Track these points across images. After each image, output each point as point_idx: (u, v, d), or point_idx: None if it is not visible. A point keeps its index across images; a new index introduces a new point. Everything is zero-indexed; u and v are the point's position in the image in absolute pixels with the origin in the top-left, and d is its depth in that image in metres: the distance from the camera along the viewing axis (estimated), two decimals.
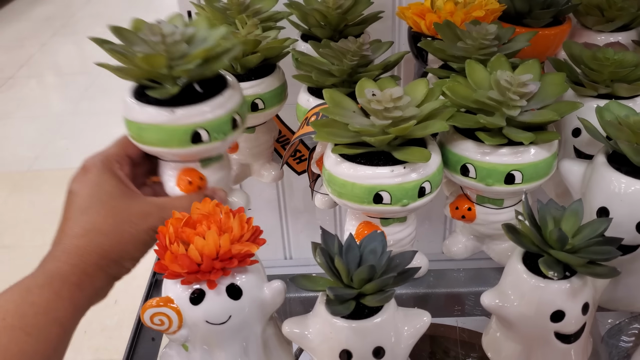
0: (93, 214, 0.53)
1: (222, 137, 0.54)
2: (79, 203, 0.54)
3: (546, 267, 0.45)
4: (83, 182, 0.55)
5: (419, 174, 0.53)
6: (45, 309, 0.46)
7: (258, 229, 0.47)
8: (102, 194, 0.54)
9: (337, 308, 0.44)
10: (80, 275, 0.49)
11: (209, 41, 0.53)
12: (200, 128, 0.52)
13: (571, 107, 0.55)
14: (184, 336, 0.47)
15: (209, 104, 0.53)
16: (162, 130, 0.52)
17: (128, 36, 0.54)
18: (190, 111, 0.52)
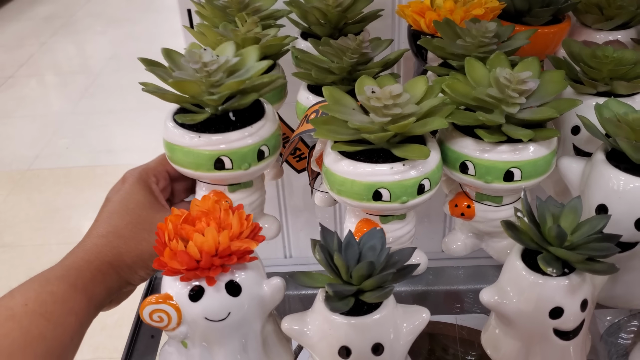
0: (117, 218, 0.56)
1: (246, 167, 0.55)
2: (109, 208, 0.57)
3: (545, 263, 0.45)
4: (118, 190, 0.59)
5: (418, 171, 0.53)
6: (62, 298, 0.48)
7: (257, 226, 0.47)
8: (130, 202, 0.57)
9: (336, 304, 0.45)
10: (93, 271, 0.51)
11: (247, 73, 0.55)
12: (223, 155, 0.54)
13: (570, 105, 0.55)
14: (183, 333, 0.47)
15: (235, 133, 0.54)
16: (188, 153, 0.54)
17: (175, 59, 0.56)
18: (215, 138, 0.54)
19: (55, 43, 3.26)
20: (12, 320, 0.46)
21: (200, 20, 0.77)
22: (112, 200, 0.58)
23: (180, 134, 0.54)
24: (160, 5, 3.52)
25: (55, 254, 1.79)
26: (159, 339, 0.60)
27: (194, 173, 0.55)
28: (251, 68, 0.56)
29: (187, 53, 0.54)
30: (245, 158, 0.55)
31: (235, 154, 0.54)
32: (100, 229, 0.56)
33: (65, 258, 0.53)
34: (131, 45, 3.15)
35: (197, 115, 0.54)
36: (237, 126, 0.55)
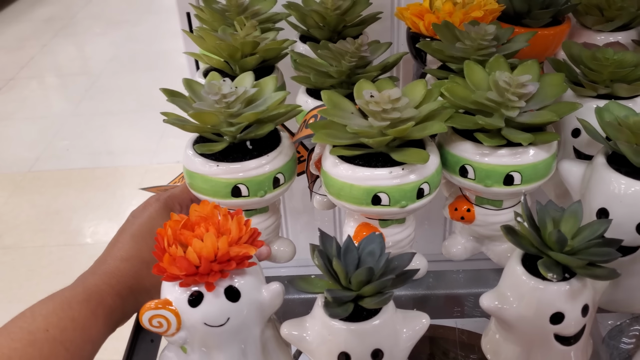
0: (140, 241, 0.56)
1: (262, 194, 0.56)
2: (131, 230, 0.58)
3: (545, 268, 0.45)
4: (141, 214, 0.59)
5: (418, 175, 0.52)
6: (82, 326, 0.48)
7: (256, 231, 0.47)
8: (154, 226, 0.57)
9: (335, 310, 0.44)
10: (114, 297, 0.52)
11: (264, 104, 0.56)
12: (240, 184, 0.55)
13: (570, 108, 0.55)
14: (182, 338, 0.47)
15: (252, 162, 0.55)
16: (206, 180, 0.56)
17: (196, 90, 0.58)
18: (232, 167, 0.55)
19: (56, 45, 3.26)
20: (33, 346, 0.46)
21: (199, 23, 0.77)
22: (134, 222, 0.58)
23: (199, 162, 0.56)
24: (160, 7, 3.52)
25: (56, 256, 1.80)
26: (159, 344, 0.60)
27: (212, 199, 0.56)
28: (268, 98, 0.57)
29: (207, 85, 0.55)
30: (261, 186, 0.56)
31: (251, 182, 0.55)
32: (122, 251, 0.56)
33: (87, 278, 0.53)
34: (131, 46, 3.15)
35: (215, 145, 0.56)
36: (254, 155, 0.56)
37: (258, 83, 0.59)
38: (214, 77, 0.58)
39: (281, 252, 0.64)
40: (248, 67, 0.68)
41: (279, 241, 0.65)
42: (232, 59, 0.68)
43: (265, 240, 0.63)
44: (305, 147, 0.76)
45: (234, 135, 0.56)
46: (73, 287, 0.52)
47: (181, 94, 0.58)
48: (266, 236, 0.62)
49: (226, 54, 0.67)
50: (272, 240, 0.64)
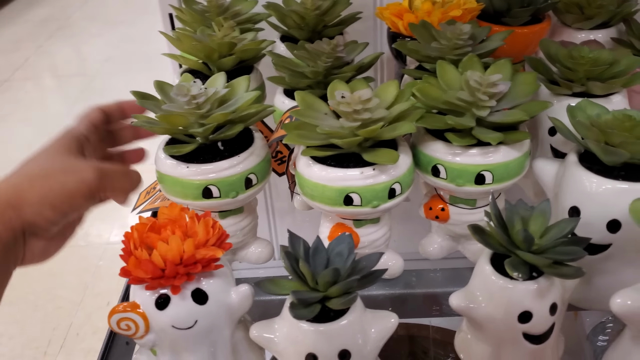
0: (31, 162, 0.53)
1: (233, 195, 0.56)
2: (25, 160, 0.54)
3: (511, 268, 0.45)
4: (46, 143, 0.56)
5: (389, 176, 0.52)
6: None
7: (224, 234, 0.47)
8: (51, 149, 0.54)
9: (301, 312, 0.44)
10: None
11: (236, 104, 0.56)
12: (211, 184, 0.55)
13: (541, 107, 0.55)
14: (151, 341, 0.47)
15: (223, 163, 0.55)
16: (176, 182, 0.56)
17: (167, 92, 0.58)
18: (203, 168, 0.55)
19: (51, 46, 3.26)
20: None
21: (181, 25, 0.77)
22: (33, 153, 0.55)
23: (170, 164, 0.55)
24: (156, 8, 3.51)
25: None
26: (134, 346, 0.60)
27: (183, 201, 0.56)
28: (240, 99, 0.57)
29: (176, 87, 0.55)
30: (233, 186, 0.56)
31: (222, 182, 0.55)
32: (8, 177, 0.52)
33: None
34: (127, 47, 3.15)
35: (184, 147, 0.56)
36: (225, 155, 0.55)
37: (230, 84, 0.59)
38: (187, 78, 0.58)
39: (258, 254, 0.64)
40: (225, 67, 0.69)
41: (256, 242, 0.65)
42: (209, 60, 0.68)
43: (242, 242, 0.63)
44: (287, 147, 0.76)
45: (204, 136, 0.55)
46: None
47: (152, 96, 0.57)
48: (242, 237, 0.62)
49: (203, 55, 0.67)
50: (249, 242, 0.64)
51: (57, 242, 0.54)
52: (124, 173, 0.52)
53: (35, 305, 1.56)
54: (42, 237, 0.51)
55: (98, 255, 1.73)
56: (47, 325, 1.52)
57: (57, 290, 1.61)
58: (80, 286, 1.63)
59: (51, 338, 1.48)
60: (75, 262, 1.71)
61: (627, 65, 0.61)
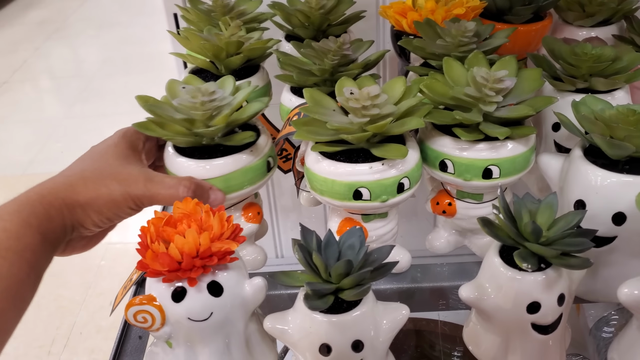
0: (87, 161, 0.56)
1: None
2: (84, 154, 0.57)
3: (520, 259, 0.46)
4: (101, 142, 0.58)
5: (398, 170, 0.53)
6: (16, 234, 0.47)
7: (238, 227, 0.48)
8: (108, 150, 0.56)
9: (315, 303, 0.45)
10: (46, 206, 0.50)
11: (232, 105, 0.57)
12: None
13: (546, 102, 0.56)
14: (167, 333, 0.48)
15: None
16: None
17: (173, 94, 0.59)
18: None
19: (49, 48, 3.26)
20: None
21: (186, 24, 0.77)
22: (92, 148, 0.58)
23: (186, 162, 0.57)
24: (152, 9, 3.51)
25: None
26: (147, 340, 0.61)
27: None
28: (233, 100, 0.58)
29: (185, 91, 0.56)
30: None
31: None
32: (67, 171, 0.54)
33: (20, 194, 0.51)
34: (124, 48, 3.15)
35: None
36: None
37: (219, 82, 0.60)
38: (191, 80, 0.59)
39: (252, 261, 0.64)
40: (233, 66, 0.69)
41: (250, 248, 0.65)
42: (217, 59, 0.69)
43: None
44: (292, 145, 0.77)
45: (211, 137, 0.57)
46: (5, 204, 0.50)
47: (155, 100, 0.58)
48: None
49: (211, 53, 0.68)
50: (244, 247, 0.65)
51: (97, 239, 0.58)
52: (172, 185, 0.54)
53: (39, 305, 1.57)
54: (84, 235, 0.55)
55: (100, 255, 1.73)
56: (51, 324, 1.52)
57: (60, 289, 1.62)
58: (83, 286, 1.63)
59: (55, 337, 1.49)
60: (77, 262, 1.70)
61: (630, 61, 0.62)
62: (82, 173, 0.54)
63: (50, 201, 0.50)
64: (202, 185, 0.55)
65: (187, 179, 0.54)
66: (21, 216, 0.48)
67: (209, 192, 0.55)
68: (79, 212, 0.52)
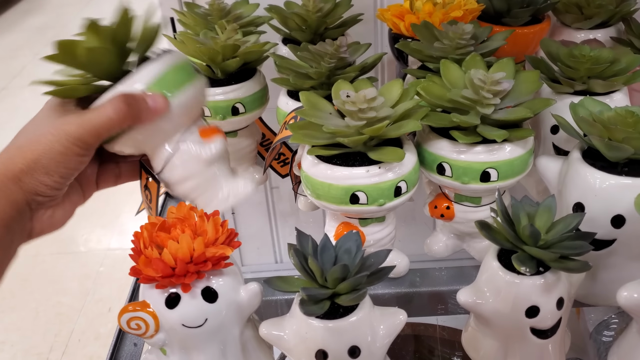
0: (21, 132, 0.52)
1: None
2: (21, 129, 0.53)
3: (519, 262, 0.46)
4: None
5: (395, 174, 0.53)
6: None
7: (233, 232, 0.47)
8: (33, 119, 0.52)
9: (310, 308, 0.45)
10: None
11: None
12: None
13: (544, 104, 0.56)
14: (161, 340, 0.47)
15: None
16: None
17: None
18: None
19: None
20: None
21: (183, 28, 0.77)
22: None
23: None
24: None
25: (49, 264, 1.78)
26: (142, 348, 0.60)
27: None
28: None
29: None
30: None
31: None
32: (2, 150, 0.51)
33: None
34: None
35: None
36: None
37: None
38: None
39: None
40: (229, 70, 0.69)
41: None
42: (213, 63, 0.69)
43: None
44: (289, 149, 0.76)
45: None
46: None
47: None
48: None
49: (207, 57, 0.68)
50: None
51: (65, 209, 0.53)
52: (103, 107, 0.50)
53: (37, 312, 1.56)
54: (48, 205, 0.50)
55: (99, 262, 1.73)
56: (49, 331, 1.51)
57: (58, 296, 1.61)
58: (82, 292, 1.63)
59: (53, 344, 1.48)
60: (76, 268, 1.71)
61: (628, 63, 0.61)
62: (16, 144, 0.50)
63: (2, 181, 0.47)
64: (134, 95, 0.50)
65: (116, 96, 0.50)
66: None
67: (145, 99, 0.51)
68: (26, 181, 0.48)
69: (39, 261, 1.73)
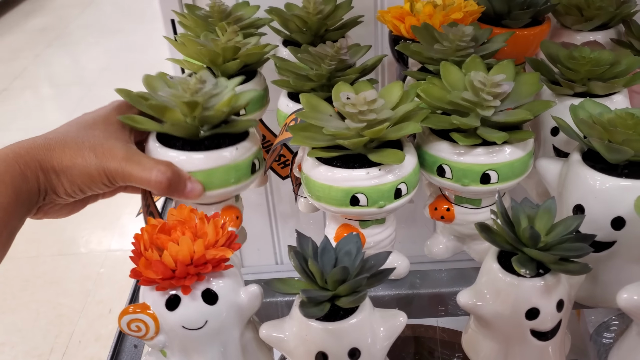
0: (72, 126, 0.54)
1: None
2: (72, 120, 0.56)
3: (519, 264, 0.46)
4: (94, 111, 0.57)
5: (395, 176, 0.53)
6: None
7: (233, 234, 0.47)
8: (94, 119, 0.55)
9: (311, 310, 0.45)
10: (22, 166, 0.49)
11: (229, 90, 0.56)
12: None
13: (544, 106, 0.56)
14: (161, 342, 0.47)
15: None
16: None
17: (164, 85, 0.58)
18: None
19: (50, 55, 3.27)
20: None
21: (184, 30, 0.77)
22: (83, 115, 0.56)
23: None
24: (153, 16, 3.52)
25: (50, 266, 1.79)
26: (142, 350, 0.60)
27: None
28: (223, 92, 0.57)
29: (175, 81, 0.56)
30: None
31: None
32: (50, 133, 0.53)
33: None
34: (125, 56, 3.16)
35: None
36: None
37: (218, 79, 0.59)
38: (163, 77, 0.59)
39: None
40: (230, 72, 0.69)
41: None
42: (213, 65, 0.69)
43: None
44: (290, 151, 0.76)
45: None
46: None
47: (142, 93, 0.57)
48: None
49: (208, 59, 0.68)
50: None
51: (72, 208, 0.56)
52: (148, 167, 0.52)
53: (37, 314, 1.56)
54: (57, 202, 0.53)
55: (99, 263, 1.73)
56: (50, 333, 1.52)
57: (59, 298, 1.61)
58: (82, 294, 1.63)
59: (53, 346, 1.48)
60: (77, 270, 1.71)
61: (628, 65, 0.61)
62: (64, 138, 0.52)
63: (27, 161, 0.50)
64: (180, 174, 0.53)
65: (165, 164, 0.52)
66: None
67: (186, 182, 0.53)
68: (52, 178, 0.51)
69: (39, 262, 1.73)
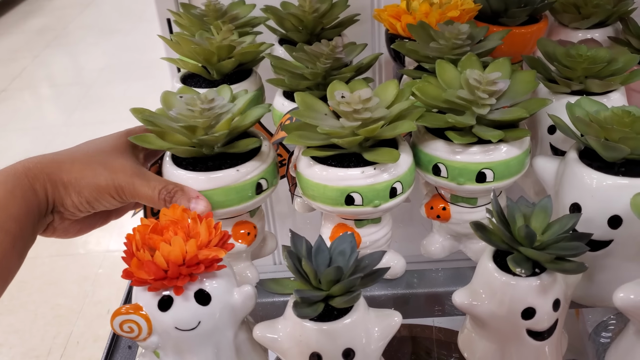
0: (81, 147, 0.56)
1: None
2: (81, 143, 0.57)
3: (514, 264, 0.45)
4: (104, 136, 0.58)
5: (390, 175, 0.53)
6: (2, 204, 0.48)
7: (226, 234, 0.47)
8: (105, 141, 0.57)
9: (304, 310, 0.44)
10: (31, 179, 0.51)
11: (232, 111, 0.56)
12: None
13: (540, 104, 0.55)
14: (154, 343, 0.47)
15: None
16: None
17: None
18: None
19: (48, 55, 3.27)
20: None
21: (179, 29, 0.77)
22: (92, 139, 0.58)
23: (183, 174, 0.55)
24: (152, 16, 3.51)
25: (48, 267, 1.79)
26: (136, 351, 0.60)
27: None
28: (231, 108, 0.56)
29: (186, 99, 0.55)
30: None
31: None
32: (59, 152, 0.55)
33: (6, 167, 0.52)
34: (124, 56, 3.16)
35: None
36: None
37: (233, 96, 0.59)
38: (185, 90, 0.59)
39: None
40: (225, 71, 0.69)
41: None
42: (208, 63, 0.68)
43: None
44: (286, 150, 0.76)
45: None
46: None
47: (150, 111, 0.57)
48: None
49: (202, 58, 0.68)
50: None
51: (82, 227, 0.58)
52: (154, 186, 0.53)
53: (35, 314, 1.56)
54: (66, 218, 0.54)
55: (97, 263, 1.73)
56: (48, 334, 1.51)
57: (57, 298, 1.61)
58: (80, 294, 1.62)
59: (51, 347, 1.48)
60: (75, 270, 1.70)
61: (625, 62, 0.61)
62: (72, 155, 0.54)
63: (36, 174, 0.51)
64: (187, 193, 0.53)
65: (172, 185, 0.53)
66: (6, 187, 0.49)
67: (191, 201, 0.53)
68: (60, 190, 0.52)
69: (37, 263, 1.73)
